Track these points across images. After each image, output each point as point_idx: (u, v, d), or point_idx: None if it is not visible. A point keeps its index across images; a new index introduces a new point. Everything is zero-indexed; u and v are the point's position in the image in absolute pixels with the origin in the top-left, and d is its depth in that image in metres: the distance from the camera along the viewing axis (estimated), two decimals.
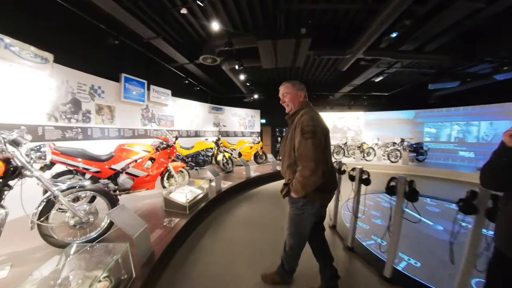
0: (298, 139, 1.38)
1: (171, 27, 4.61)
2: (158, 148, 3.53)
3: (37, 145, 1.94)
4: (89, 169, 2.90)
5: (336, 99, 10.12)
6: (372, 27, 3.75)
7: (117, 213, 1.83)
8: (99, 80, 4.50)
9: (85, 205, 2.18)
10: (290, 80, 1.62)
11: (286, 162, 1.54)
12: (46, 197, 1.96)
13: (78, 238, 2.18)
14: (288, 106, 1.60)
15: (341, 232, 2.98)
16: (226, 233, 2.99)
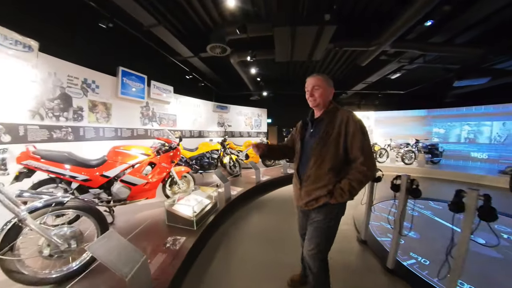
0: (359, 138, 1.27)
1: (173, 15, 4.07)
2: (159, 151, 3.00)
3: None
4: (76, 177, 2.38)
5: (345, 97, 9.60)
6: (408, 13, 3.23)
7: (102, 245, 1.31)
8: (93, 74, 3.98)
9: (66, 228, 1.66)
10: (321, 73, 1.43)
11: (327, 165, 1.32)
12: (9, 221, 1.44)
13: (56, 270, 1.66)
14: (315, 101, 1.40)
15: (374, 248, 2.54)
16: (239, 253, 2.47)
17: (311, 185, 1.38)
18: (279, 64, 5.43)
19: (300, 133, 1.52)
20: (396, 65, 5.74)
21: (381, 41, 4.06)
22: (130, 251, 1.42)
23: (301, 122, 1.58)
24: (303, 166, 1.44)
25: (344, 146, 1.29)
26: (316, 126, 1.42)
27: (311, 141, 1.41)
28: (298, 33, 3.52)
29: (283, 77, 8.01)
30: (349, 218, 3.45)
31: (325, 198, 1.34)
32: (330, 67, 7.08)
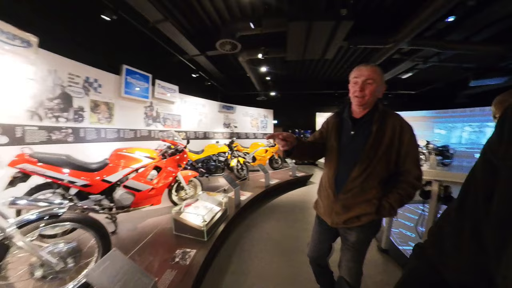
0: (414, 149, 1.11)
1: (181, 11, 3.86)
2: (165, 154, 2.78)
3: None
4: (75, 182, 2.17)
5: None
6: (431, 8, 3.01)
7: (104, 270, 1.08)
8: (96, 72, 3.78)
9: (62, 244, 1.43)
10: (374, 64, 1.18)
11: (377, 178, 1.13)
12: None
13: None
14: (363, 98, 1.12)
15: (396, 258, 2.36)
16: (253, 266, 2.24)
17: (353, 198, 1.15)
18: (288, 63, 5.20)
19: (336, 133, 1.24)
20: (410, 64, 5.49)
21: (399, 38, 3.84)
22: (137, 275, 1.19)
23: (335, 119, 1.28)
24: (342, 174, 1.19)
25: (396, 157, 1.12)
26: (360, 128, 1.17)
27: (354, 146, 1.17)
28: (314, 29, 3.29)
29: (290, 76, 7.77)
30: None
31: (370, 215, 1.15)
32: (339, 66, 6.85)
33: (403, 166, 1.12)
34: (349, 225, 1.18)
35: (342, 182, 1.18)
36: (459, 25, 3.97)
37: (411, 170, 1.11)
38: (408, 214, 3.62)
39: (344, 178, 1.17)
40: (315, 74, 7.41)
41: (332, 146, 1.25)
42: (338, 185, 1.20)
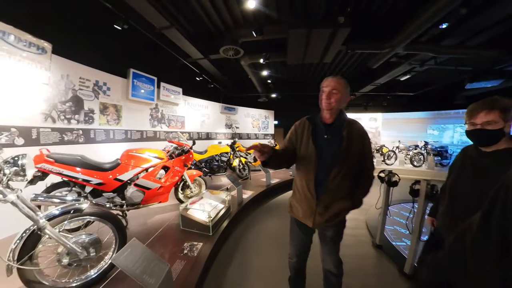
0: (371, 150, 1.39)
1: (186, 18, 4.02)
2: (172, 155, 2.94)
3: (14, 156, 1.36)
4: (90, 180, 2.33)
5: (352, 99, 9.49)
6: (425, 15, 3.15)
7: (127, 255, 1.24)
8: (105, 76, 3.95)
9: (84, 236, 1.60)
10: (341, 77, 1.31)
11: (351, 176, 1.32)
12: (28, 229, 1.38)
13: (75, 279, 1.60)
14: (330, 105, 1.26)
15: (390, 253, 2.51)
16: (257, 260, 2.40)
17: (333, 197, 1.29)
18: (288, 66, 5.35)
19: (311, 137, 1.32)
20: (407, 67, 5.63)
21: (395, 43, 3.98)
22: (155, 261, 1.35)
23: (308, 124, 1.37)
24: (321, 176, 1.28)
25: (360, 157, 1.33)
26: (333, 133, 1.29)
27: (330, 149, 1.28)
28: (313, 36, 3.44)
29: (291, 79, 7.94)
30: (362, 222, 3.38)
31: (347, 210, 1.35)
32: (337, 68, 7.00)
33: (364, 165, 1.34)
34: (330, 222, 1.31)
35: (321, 184, 1.28)
36: (453, 31, 4.10)
37: (369, 168, 1.36)
38: (403, 212, 3.77)
39: (323, 180, 1.27)
40: (315, 76, 7.57)
41: (308, 151, 1.31)
42: (318, 187, 1.29)
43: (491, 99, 0.99)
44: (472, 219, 0.56)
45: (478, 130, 1.01)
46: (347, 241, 2.77)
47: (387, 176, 2.62)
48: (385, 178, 2.62)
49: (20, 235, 1.37)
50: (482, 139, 1.03)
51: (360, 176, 1.35)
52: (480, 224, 0.51)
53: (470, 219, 0.56)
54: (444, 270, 0.63)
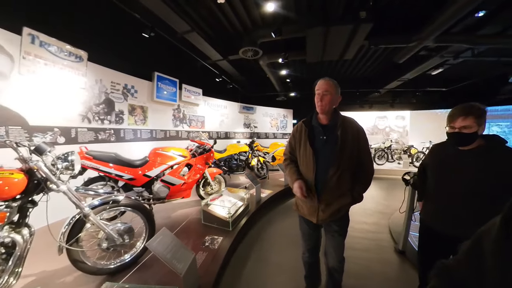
0: (367, 145, 1.43)
1: (206, 22, 4.24)
2: (195, 153, 3.15)
3: (64, 153, 1.60)
4: (122, 176, 2.60)
5: (377, 96, 9.10)
6: (458, 4, 2.97)
7: (159, 242, 1.40)
8: (132, 79, 4.31)
9: (120, 224, 1.81)
10: (331, 78, 1.40)
11: (349, 172, 1.38)
12: (75, 216, 1.62)
13: (112, 262, 1.82)
14: (322, 106, 1.37)
15: (414, 260, 2.38)
16: (274, 256, 2.48)
17: (333, 194, 1.37)
18: (307, 64, 5.34)
19: (309, 139, 1.42)
20: (438, 60, 5.29)
21: (423, 36, 3.79)
22: (181, 249, 1.50)
23: (305, 127, 1.46)
24: (321, 175, 1.37)
25: (356, 153, 1.38)
26: (329, 133, 1.38)
27: (327, 149, 1.37)
28: (332, 33, 3.43)
29: (310, 77, 7.86)
30: (384, 226, 3.28)
31: (348, 206, 1.41)
32: (360, 65, 6.79)
33: (362, 160, 1.40)
34: (333, 217, 1.40)
35: (322, 183, 1.38)
36: (493, 18, 3.79)
37: (367, 163, 1.42)
38: None
39: (323, 179, 1.37)
40: (335, 73, 7.41)
41: (306, 152, 1.41)
42: (318, 186, 1.39)
43: (468, 106, 1.17)
44: (490, 223, 0.56)
45: (456, 133, 1.19)
46: (368, 245, 2.74)
47: (412, 178, 2.50)
48: (410, 181, 2.50)
49: (69, 221, 1.61)
50: (459, 140, 1.22)
51: (359, 171, 1.41)
52: (501, 228, 0.51)
53: (488, 223, 0.57)
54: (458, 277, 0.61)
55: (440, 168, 1.36)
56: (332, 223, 1.44)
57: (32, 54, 2.72)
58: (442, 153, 1.37)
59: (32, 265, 1.73)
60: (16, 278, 1.28)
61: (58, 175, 1.54)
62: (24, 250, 1.32)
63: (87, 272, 1.69)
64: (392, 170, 7.32)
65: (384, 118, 10.06)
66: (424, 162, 1.56)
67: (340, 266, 1.52)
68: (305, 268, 1.74)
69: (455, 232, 1.23)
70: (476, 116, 1.13)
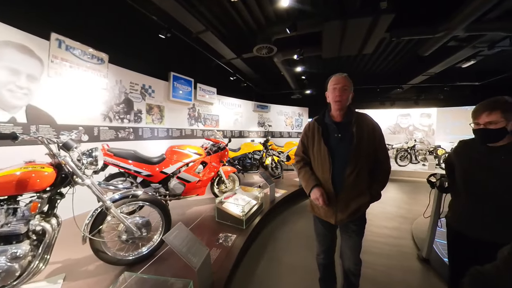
0: (383, 142, 1.40)
1: (219, 20, 4.31)
2: (210, 151, 3.22)
3: (89, 149, 1.73)
4: (141, 172, 2.73)
5: (399, 93, 8.67)
6: None
7: (175, 236, 1.46)
8: (150, 79, 4.50)
9: (138, 218, 1.91)
10: (345, 74, 1.38)
11: (366, 170, 1.36)
12: (97, 208, 1.74)
13: (130, 254, 1.93)
14: (342, 102, 1.34)
15: (439, 269, 2.25)
16: (287, 257, 2.47)
17: (351, 194, 1.34)
18: (324, 60, 5.22)
19: (322, 138, 1.38)
20: (470, 51, 4.93)
21: (452, 25, 3.54)
22: (196, 244, 1.55)
23: (318, 125, 1.43)
24: (338, 174, 1.34)
25: (373, 151, 1.36)
26: (344, 130, 1.35)
27: (343, 147, 1.34)
28: (350, 27, 3.33)
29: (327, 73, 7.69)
30: (406, 232, 3.11)
31: (366, 205, 1.38)
32: (381, 59, 6.50)
33: (379, 157, 1.37)
34: (352, 217, 1.36)
35: (339, 182, 1.34)
36: None
37: (384, 160, 1.39)
38: None
39: (340, 178, 1.33)
40: (353, 69, 7.17)
41: (321, 151, 1.38)
42: (336, 185, 1.35)
43: (493, 100, 1.11)
44: None
45: (481, 130, 1.14)
46: (388, 250, 2.62)
47: (439, 180, 2.29)
48: (437, 183, 2.30)
49: (92, 213, 1.73)
50: (485, 137, 1.16)
51: (376, 168, 1.38)
52: None
53: None
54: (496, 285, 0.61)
55: (469, 166, 1.29)
56: (350, 223, 1.41)
57: (59, 58, 2.95)
58: (471, 150, 1.31)
59: (58, 253, 1.87)
60: (44, 264, 1.39)
61: (83, 169, 1.66)
62: (53, 238, 1.44)
63: (107, 261, 1.80)
64: (416, 172, 6.93)
65: (407, 116, 9.56)
66: (450, 160, 1.47)
67: (356, 269, 1.48)
68: (319, 270, 1.70)
69: (488, 236, 1.15)
70: (503, 111, 1.08)
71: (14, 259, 1.25)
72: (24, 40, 2.62)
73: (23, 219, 1.33)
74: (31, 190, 1.38)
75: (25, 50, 2.63)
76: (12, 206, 1.34)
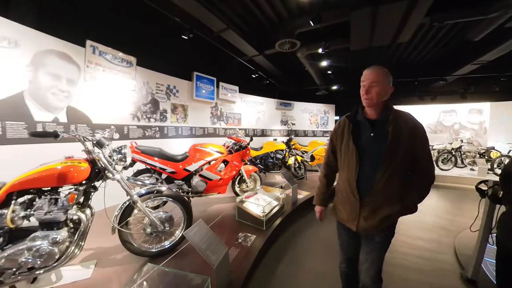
0: (427, 145, 1.24)
1: (240, 17, 4.38)
2: (231, 150, 3.32)
3: (119, 147, 1.90)
4: (165, 169, 2.91)
5: (442, 85, 7.88)
6: None
7: (196, 232, 1.54)
8: (174, 80, 4.77)
9: (162, 212, 2.05)
10: (380, 66, 1.24)
11: (400, 176, 1.21)
12: (125, 202, 1.90)
13: (154, 247, 2.07)
14: (371, 100, 1.23)
15: None
16: (308, 262, 2.41)
17: (379, 200, 1.23)
18: (352, 52, 4.98)
19: (352, 136, 1.29)
20: None
21: (510, 3, 3.12)
22: (216, 242, 1.61)
23: (348, 122, 1.34)
24: (365, 177, 1.24)
25: (412, 155, 1.21)
26: (378, 129, 1.23)
27: (375, 147, 1.23)
28: (382, 13, 3.13)
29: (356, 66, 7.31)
30: (447, 246, 2.80)
31: (396, 215, 1.24)
32: (419, 48, 5.97)
33: (420, 164, 1.21)
34: (377, 228, 1.24)
35: (366, 185, 1.24)
36: None
37: (426, 166, 1.22)
38: None
39: (369, 181, 1.23)
40: (386, 60, 6.69)
41: (349, 150, 1.29)
42: (362, 188, 1.25)
43: None
44: None
45: None
46: (423, 266, 2.38)
47: (491, 189, 1.95)
48: (488, 192, 1.97)
49: (121, 206, 1.90)
50: None
51: (414, 176, 1.24)
52: None
53: None
54: None
55: None
56: (374, 233, 1.29)
57: (94, 63, 3.28)
58: None
59: (91, 240, 2.09)
60: (79, 250, 1.58)
61: (113, 165, 1.83)
62: (87, 227, 1.62)
63: (133, 252, 1.97)
64: (462, 177, 6.22)
65: (452, 113, 8.65)
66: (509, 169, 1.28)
67: (374, 287, 1.33)
68: (341, 279, 1.63)
69: None
70: None
71: (54, 244, 1.44)
72: (64, 48, 2.96)
73: (62, 208, 1.52)
74: (70, 183, 1.57)
75: (65, 57, 2.98)
76: (54, 197, 1.54)
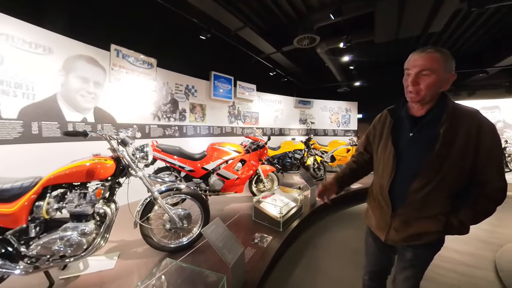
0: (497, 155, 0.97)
1: (257, 14, 4.41)
2: (249, 149, 3.37)
3: (141, 145, 2.03)
4: (184, 167, 3.04)
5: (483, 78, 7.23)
6: None
7: (213, 230, 1.59)
8: (192, 80, 4.94)
9: (180, 209, 2.15)
10: (436, 48, 0.97)
11: (446, 189, 1.01)
12: (147, 198, 2.02)
13: (172, 242, 2.18)
14: (418, 94, 0.99)
15: None
16: (327, 268, 2.36)
17: (414, 213, 1.06)
18: (376, 45, 4.76)
19: (391, 134, 1.13)
20: None
21: None
22: (232, 241, 1.66)
23: (390, 118, 1.16)
24: (401, 184, 1.08)
25: (471, 166, 0.97)
26: (422, 128, 1.04)
27: (414, 151, 1.05)
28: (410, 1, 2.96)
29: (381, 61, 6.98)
30: (486, 260, 2.55)
31: (435, 234, 1.05)
32: (455, 37, 5.51)
33: (481, 176, 0.97)
34: (409, 242, 1.10)
35: (400, 194, 1.08)
36: None
37: (491, 181, 0.97)
38: None
39: (403, 190, 1.07)
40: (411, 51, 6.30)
41: (386, 151, 1.13)
42: (395, 197, 1.10)
43: None
44: None
45: None
46: (457, 281, 2.19)
47: None
48: None
49: (142, 202, 2.03)
50: None
51: (473, 192, 1.01)
52: None
53: None
54: None
55: None
56: (408, 247, 1.14)
57: (118, 65, 3.51)
58: None
59: (115, 233, 2.22)
60: (105, 241, 1.72)
61: (136, 163, 1.96)
62: (112, 221, 1.75)
63: (153, 246, 2.10)
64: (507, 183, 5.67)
65: (495, 109, 7.90)
66: None
67: None
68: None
69: None
70: None
71: (83, 235, 1.59)
72: (91, 52, 3.22)
73: (90, 202, 1.66)
74: (97, 179, 1.71)
75: (92, 61, 3.23)
76: (83, 191, 1.69)
